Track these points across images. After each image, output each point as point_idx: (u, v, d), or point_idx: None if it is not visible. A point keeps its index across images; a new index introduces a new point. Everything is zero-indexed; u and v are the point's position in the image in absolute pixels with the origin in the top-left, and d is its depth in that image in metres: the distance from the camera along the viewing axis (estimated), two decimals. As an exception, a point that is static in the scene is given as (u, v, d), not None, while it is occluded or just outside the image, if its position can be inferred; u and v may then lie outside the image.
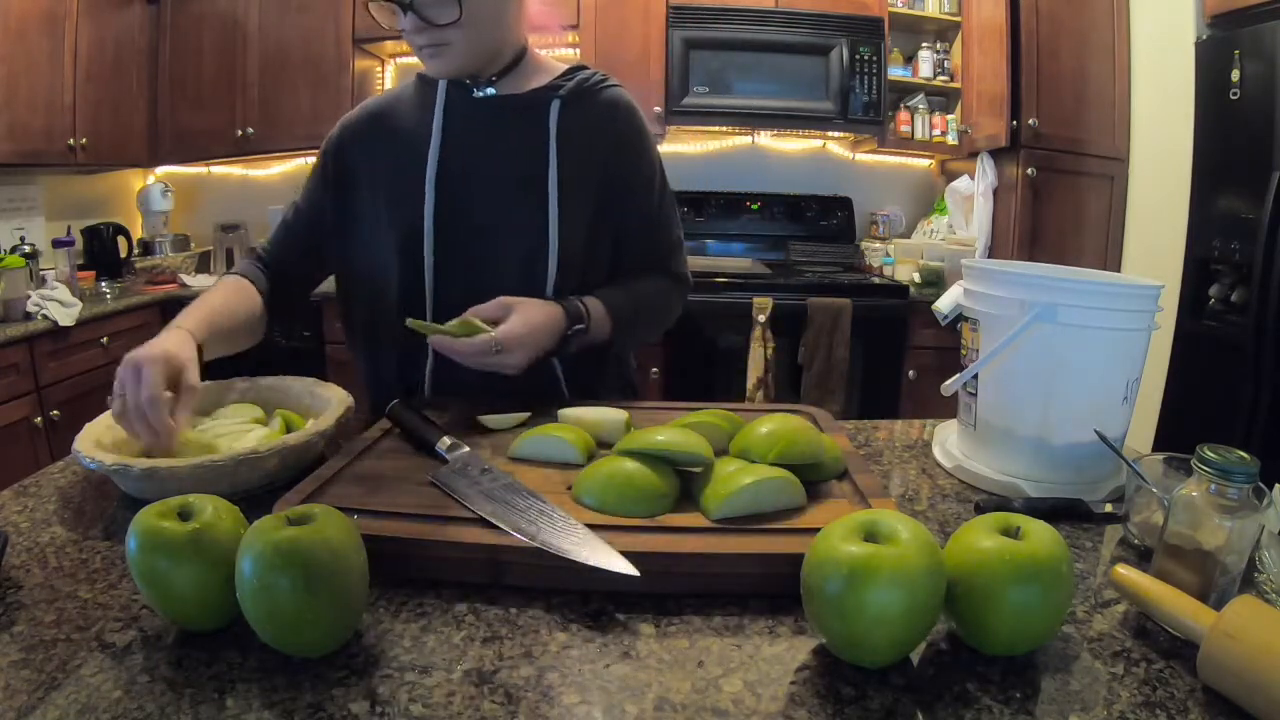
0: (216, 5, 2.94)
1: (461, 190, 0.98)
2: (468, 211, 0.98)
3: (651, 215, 1.07)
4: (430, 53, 0.93)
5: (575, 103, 1.00)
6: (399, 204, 0.99)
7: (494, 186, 0.98)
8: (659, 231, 1.08)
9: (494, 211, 0.98)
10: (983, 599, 0.49)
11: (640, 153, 1.05)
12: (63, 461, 0.82)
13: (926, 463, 0.88)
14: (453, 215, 0.98)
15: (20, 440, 2.05)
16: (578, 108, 1.00)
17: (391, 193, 1.00)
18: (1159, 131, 2.60)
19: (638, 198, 1.05)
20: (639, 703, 0.45)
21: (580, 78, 1.02)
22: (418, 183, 0.97)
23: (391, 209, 1.00)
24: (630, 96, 1.05)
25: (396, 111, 1.04)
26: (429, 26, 0.89)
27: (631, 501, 0.62)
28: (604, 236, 1.03)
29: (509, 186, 0.98)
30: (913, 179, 3.41)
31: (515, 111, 1.00)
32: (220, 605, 0.50)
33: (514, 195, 0.98)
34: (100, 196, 3.09)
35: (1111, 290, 0.77)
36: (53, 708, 0.44)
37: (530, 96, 1.00)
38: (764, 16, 2.83)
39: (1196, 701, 0.46)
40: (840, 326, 2.62)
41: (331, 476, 0.68)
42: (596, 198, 1.00)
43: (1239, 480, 0.53)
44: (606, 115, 1.02)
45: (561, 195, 0.97)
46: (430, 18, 0.88)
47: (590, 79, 1.03)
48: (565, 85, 1.00)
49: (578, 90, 1.01)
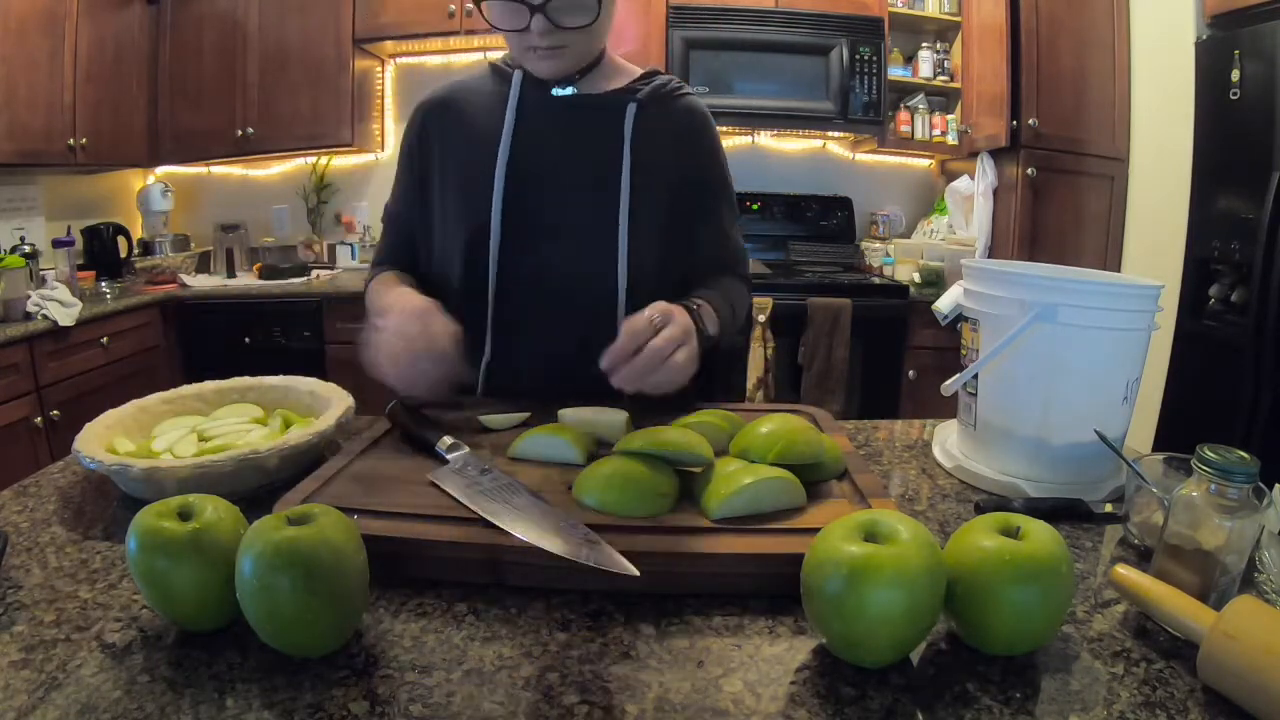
0: (216, 5, 2.95)
1: (532, 188, 0.96)
2: (537, 210, 0.96)
3: (724, 221, 1.07)
4: (546, 54, 0.91)
5: (651, 107, 0.99)
6: (467, 197, 0.97)
7: (565, 186, 0.97)
8: (730, 237, 1.08)
9: (564, 212, 0.96)
10: (983, 599, 0.49)
11: (715, 160, 1.05)
12: (63, 461, 0.82)
13: (926, 463, 0.88)
14: (521, 212, 0.96)
15: (20, 440, 2.05)
16: (654, 112, 0.99)
17: (460, 185, 0.99)
18: (1159, 131, 2.60)
19: (712, 204, 1.05)
20: (639, 703, 0.45)
21: (658, 82, 1.01)
22: (487, 177, 0.95)
23: (460, 201, 0.98)
24: (704, 104, 1.05)
25: (467, 102, 1.02)
26: (556, 29, 0.88)
27: (631, 501, 0.62)
28: (676, 241, 1.01)
29: (580, 187, 0.97)
30: (913, 179, 3.41)
31: (591, 112, 0.98)
32: (220, 605, 0.50)
33: (585, 196, 0.97)
34: (100, 196, 3.09)
35: (1111, 290, 0.77)
36: (53, 708, 0.44)
37: (607, 98, 0.99)
38: (764, 16, 2.83)
39: (1196, 701, 0.46)
40: (840, 326, 2.62)
41: (331, 476, 0.68)
42: (670, 203, 0.99)
43: (1239, 480, 0.53)
44: (683, 121, 1.02)
45: (633, 199, 0.96)
46: (560, 21, 0.87)
47: (667, 84, 1.02)
48: (642, 89, 0.99)
49: (655, 94, 1.00)
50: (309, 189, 3.27)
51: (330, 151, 3.19)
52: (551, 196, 0.96)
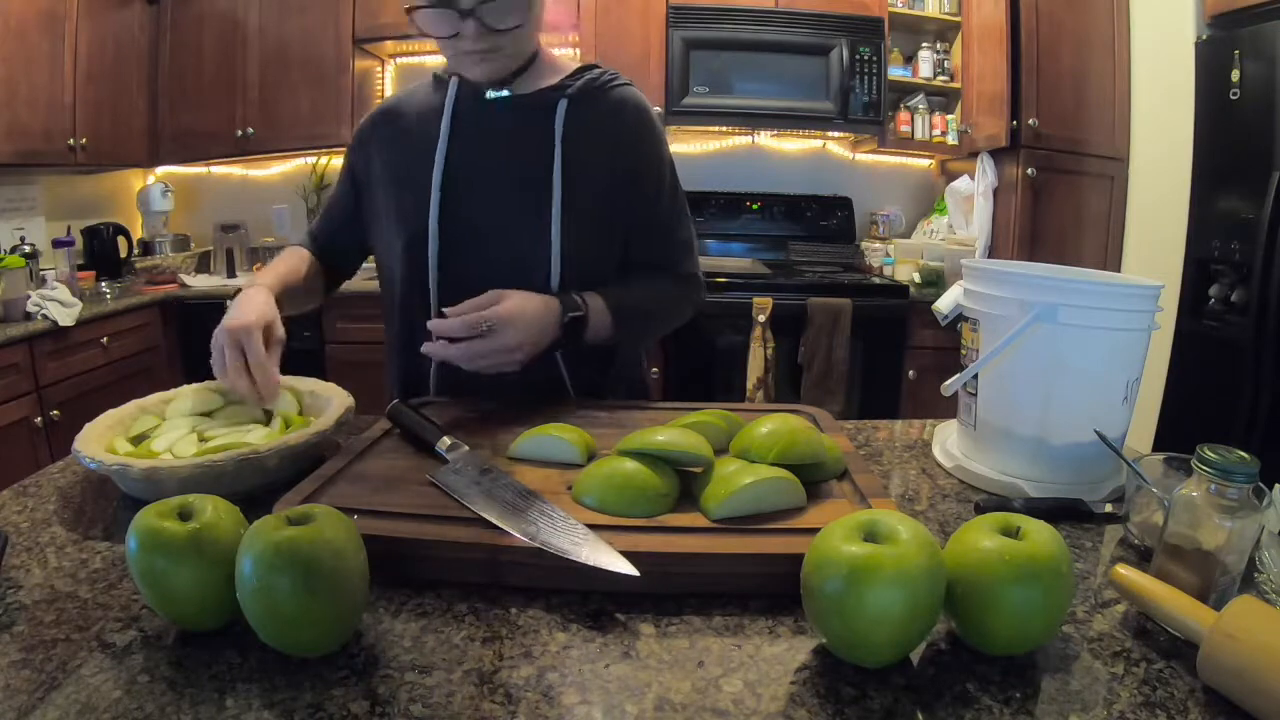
0: (216, 5, 2.94)
1: (466, 192, 0.98)
2: (471, 213, 0.98)
3: (660, 215, 1.05)
4: (479, 58, 0.92)
5: (583, 102, 1.00)
6: (406, 205, 1.00)
7: (498, 188, 0.98)
8: (667, 232, 1.07)
9: (497, 213, 0.98)
10: (983, 599, 0.49)
11: (648, 150, 1.03)
12: (63, 461, 0.82)
13: (926, 463, 0.88)
14: (457, 217, 0.98)
15: (20, 440, 2.05)
16: (586, 107, 1.00)
17: (400, 194, 1.01)
18: (1159, 131, 2.60)
19: (645, 197, 1.03)
20: (639, 703, 0.45)
21: (589, 77, 1.02)
22: (424, 184, 0.98)
23: (399, 210, 1.01)
24: (640, 95, 1.05)
25: (408, 112, 1.04)
26: (488, 32, 0.89)
27: (631, 501, 0.62)
28: (611, 237, 1.02)
29: (513, 188, 0.98)
30: (913, 179, 3.41)
31: (523, 112, 0.99)
32: (220, 605, 0.50)
33: (517, 196, 0.98)
34: (100, 196, 3.09)
35: (1111, 290, 0.77)
36: (53, 708, 0.44)
37: (538, 96, 1.00)
38: (764, 16, 2.83)
39: (1196, 701, 0.46)
40: (840, 326, 2.62)
41: (331, 476, 0.68)
42: (603, 197, 1.00)
43: (1239, 480, 0.53)
44: (614, 113, 1.01)
45: (565, 195, 0.96)
46: (492, 24, 0.88)
47: (599, 78, 1.02)
48: (573, 85, 1.00)
49: (585, 89, 1.00)
50: (309, 189, 3.27)
51: (330, 151, 3.19)
52: (486, 199, 0.98)
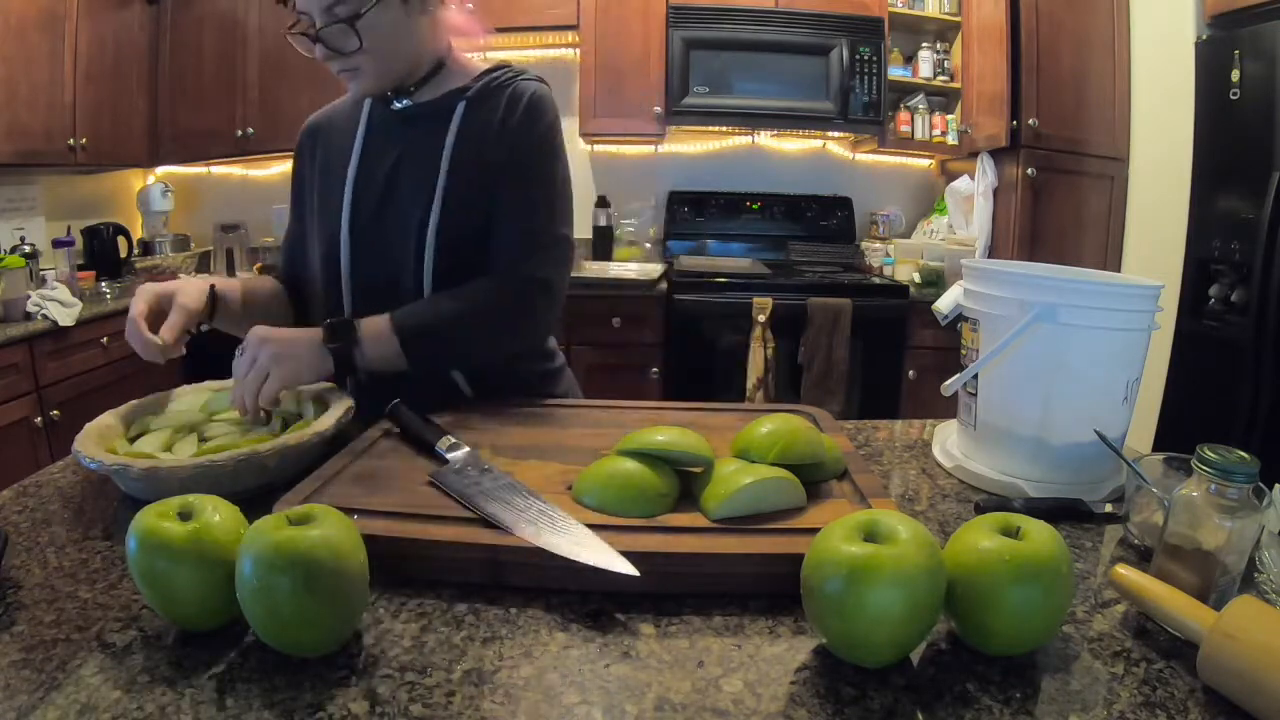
0: (216, 5, 2.94)
1: (372, 201, 1.01)
2: (375, 221, 1.01)
3: (515, 205, 0.98)
4: (346, 76, 0.96)
5: (482, 102, 1.00)
6: (323, 216, 1.04)
7: (394, 195, 1.00)
8: (519, 225, 0.98)
9: (395, 220, 1.00)
10: (983, 599, 0.49)
11: (521, 138, 0.98)
12: (63, 461, 0.82)
13: (926, 463, 0.88)
14: (363, 226, 1.01)
15: (20, 440, 2.05)
16: (483, 106, 1.00)
17: (319, 204, 1.06)
18: (1159, 131, 2.60)
19: (505, 184, 0.98)
20: (639, 703, 0.45)
21: (490, 77, 1.02)
22: (338, 195, 1.01)
23: (318, 220, 1.05)
24: (541, 88, 1.01)
25: (334, 124, 1.08)
26: (337, 55, 0.92)
27: (631, 501, 0.62)
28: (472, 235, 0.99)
29: (406, 194, 0.99)
30: (913, 179, 3.41)
31: (423, 119, 1.01)
32: (220, 605, 0.50)
33: (407, 202, 0.99)
34: (100, 196, 3.09)
35: (1111, 290, 0.77)
36: (53, 708, 0.44)
37: (438, 102, 1.01)
38: (764, 16, 2.83)
39: (1196, 701, 0.46)
40: (840, 326, 2.62)
41: (331, 476, 0.68)
42: (480, 194, 0.98)
43: (1239, 480, 0.53)
44: (506, 107, 0.99)
45: (446, 200, 0.97)
46: (336, 47, 0.92)
47: (500, 76, 1.02)
48: (473, 87, 1.00)
49: (485, 89, 1.00)
50: (309, 189, 3.27)
51: (330, 151, 3.19)
52: (386, 204, 1.00)
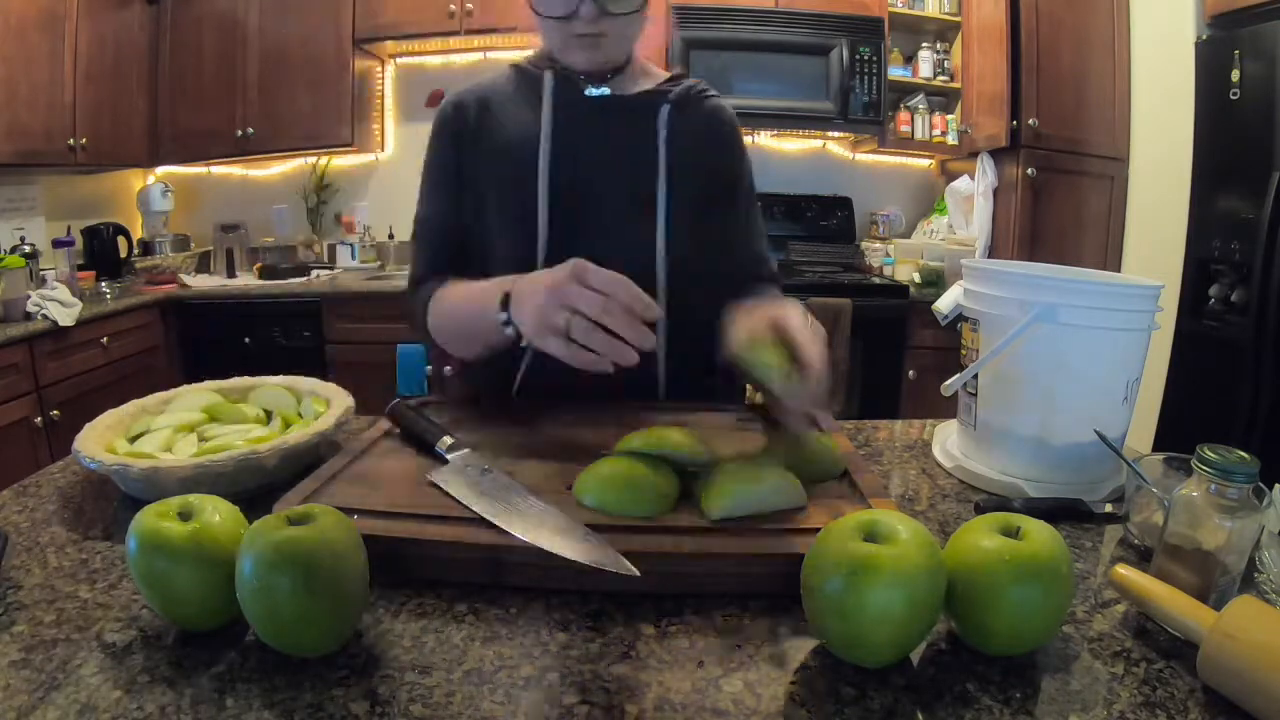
0: (216, 5, 2.94)
1: (572, 190, 0.95)
2: (578, 211, 0.95)
3: (753, 224, 1.08)
4: (589, 43, 0.90)
5: (683, 108, 0.99)
6: (510, 201, 0.97)
7: (604, 188, 0.96)
8: (759, 237, 1.09)
9: (604, 213, 0.96)
10: (983, 599, 0.49)
11: (742, 162, 1.06)
12: (63, 461, 0.82)
13: (926, 463, 0.88)
14: (564, 213, 0.95)
15: (20, 440, 2.05)
16: (685, 114, 0.99)
17: (501, 189, 0.98)
18: (1159, 131, 2.60)
19: (740, 207, 1.06)
20: (639, 703, 0.45)
21: (688, 84, 1.01)
22: (530, 180, 0.94)
23: (502, 206, 0.98)
24: (730, 108, 1.06)
25: (501, 102, 1.00)
26: (603, 15, 0.87)
27: (631, 501, 0.62)
28: (711, 244, 1.01)
29: (619, 189, 0.96)
30: (913, 179, 3.41)
31: (625, 113, 0.98)
32: (220, 605, 0.50)
33: (624, 198, 0.96)
34: (100, 196, 3.09)
35: (1111, 290, 0.77)
36: (53, 708, 0.44)
37: (640, 99, 0.99)
38: (764, 16, 2.83)
39: (1196, 701, 0.46)
40: (840, 326, 2.62)
41: (331, 476, 0.68)
42: (702, 204, 1.00)
43: (1239, 480, 0.53)
44: (711, 123, 1.02)
45: (671, 200, 0.96)
46: (609, 6, 0.87)
47: (696, 86, 1.03)
48: (674, 90, 0.99)
49: (686, 96, 1.00)
50: (309, 189, 3.27)
51: (330, 151, 3.19)
52: (591, 197, 0.95)
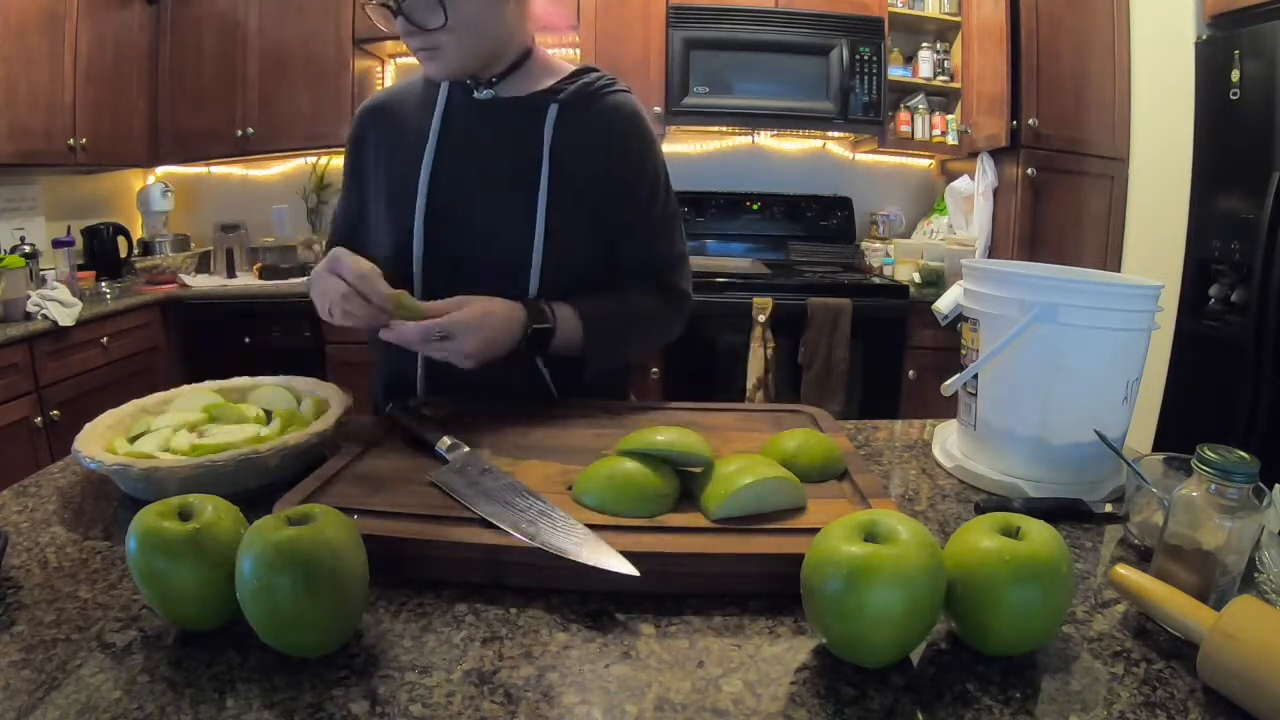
0: (216, 5, 2.94)
1: (454, 192, 0.97)
2: (458, 215, 0.97)
3: (650, 224, 1.04)
4: (425, 55, 0.92)
5: (576, 107, 0.99)
6: (394, 202, 0.99)
7: (486, 190, 0.98)
8: (657, 242, 1.05)
9: (483, 215, 0.97)
10: (983, 599, 0.49)
11: (640, 159, 1.02)
12: (63, 461, 0.82)
13: (926, 463, 0.88)
14: (443, 218, 0.97)
15: (20, 440, 2.05)
16: (578, 112, 0.99)
17: (389, 190, 1.01)
18: (1159, 131, 2.60)
19: (635, 206, 1.02)
20: (639, 703, 0.45)
21: (584, 81, 1.00)
22: (413, 182, 0.97)
23: (388, 209, 1.00)
24: (636, 101, 1.03)
25: (401, 108, 1.04)
26: (419, 30, 0.89)
27: (631, 501, 0.62)
28: (597, 245, 1.01)
29: (500, 191, 0.98)
30: (913, 179, 3.41)
31: (513, 114, 0.99)
32: (220, 605, 0.50)
33: (503, 199, 0.97)
34: (100, 196, 3.09)
35: (1111, 290, 0.77)
36: (53, 708, 0.44)
37: (529, 99, 0.99)
38: (764, 16, 2.83)
39: (1196, 701, 0.46)
40: (840, 326, 2.62)
41: (331, 476, 0.68)
42: (591, 205, 0.99)
43: (1239, 480, 0.53)
44: (607, 120, 1.00)
45: (551, 202, 0.95)
46: (419, 22, 0.88)
47: (594, 82, 1.01)
48: (566, 89, 0.99)
49: (579, 94, 0.99)
50: (309, 189, 3.27)
51: (330, 151, 3.19)
52: (472, 200, 0.97)
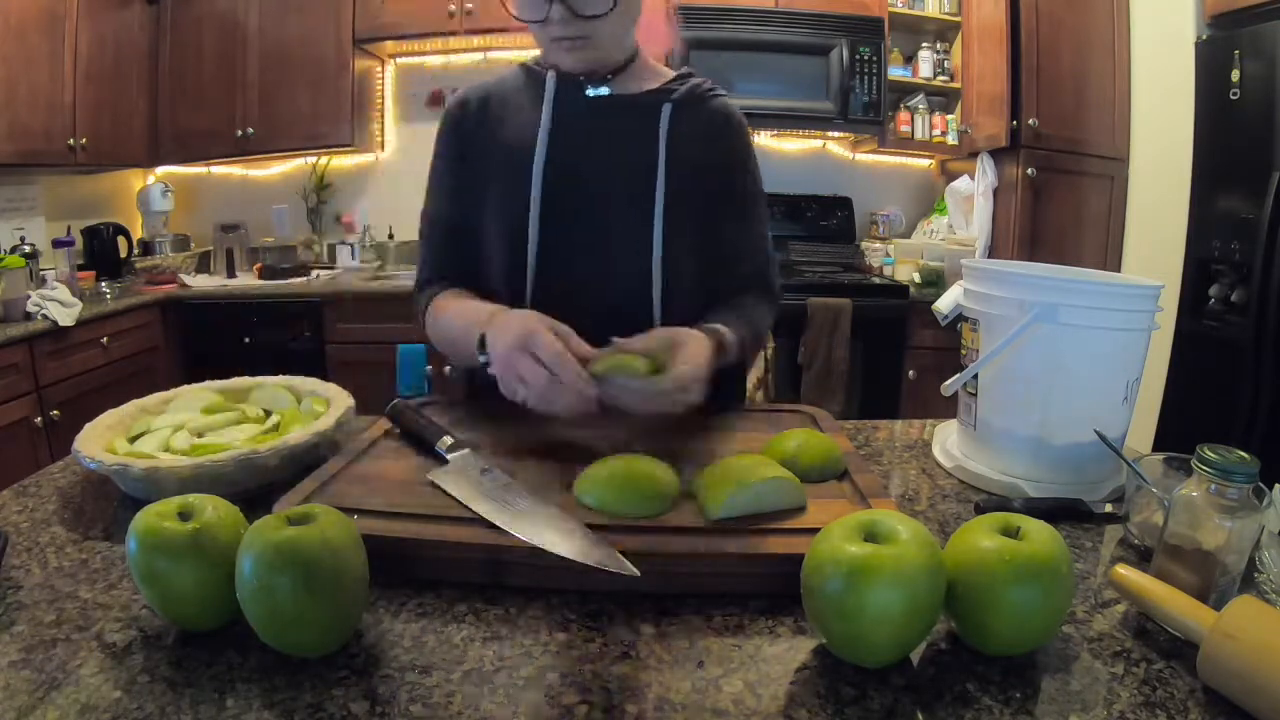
0: (216, 5, 2.94)
1: (568, 189, 0.95)
2: (572, 208, 0.95)
3: (757, 229, 1.06)
4: (569, 45, 0.90)
5: (687, 109, 0.98)
6: (505, 198, 0.96)
7: (601, 187, 0.96)
8: (763, 245, 1.07)
9: (600, 213, 0.95)
10: (983, 599, 0.49)
11: (749, 167, 1.04)
12: (63, 461, 0.82)
13: (926, 463, 0.88)
14: (558, 212, 0.95)
15: (20, 440, 2.05)
16: (689, 114, 0.98)
17: (498, 186, 0.98)
18: (1159, 131, 2.60)
19: (745, 213, 1.04)
20: (639, 703, 0.45)
21: (693, 83, 1.00)
22: (525, 177, 0.94)
23: (498, 203, 0.97)
24: (737, 108, 1.04)
25: (503, 100, 1.00)
26: (576, 18, 0.87)
27: (631, 501, 0.62)
28: (710, 246, 1.00)
29: (616, 188, 0.96)
30: (913, 179, 3.41)
31: (626, 112, 0.97)
32: (220, 605, 0.50)
33: (621, 197, 0.95)
34: (100, 196, 3.09)
35: (1111, 290, 0.77)
36: (53, 708, 0.44)
37: (642, 98, 0.98)
38: (764, 16, 2.83)
39: (1196, 701, 0.46)
40: (840, 326, 2.62)
41: (331, 476, 0.68)
42: (704, 206, 0.98)
43: (1239, 480, 0.53)
44: (718, 123, 1.00)
45: (668, 200, 0.94)
46: (578, 9, 0.86)
47: (702, 85, 1.01)
48: (678, 89, 0.98)
49: (690, 95, 0.99)
50: (309, 189, 3.27)
51: (330, 151, 3.19)
52: (588, 197, 0.95)
